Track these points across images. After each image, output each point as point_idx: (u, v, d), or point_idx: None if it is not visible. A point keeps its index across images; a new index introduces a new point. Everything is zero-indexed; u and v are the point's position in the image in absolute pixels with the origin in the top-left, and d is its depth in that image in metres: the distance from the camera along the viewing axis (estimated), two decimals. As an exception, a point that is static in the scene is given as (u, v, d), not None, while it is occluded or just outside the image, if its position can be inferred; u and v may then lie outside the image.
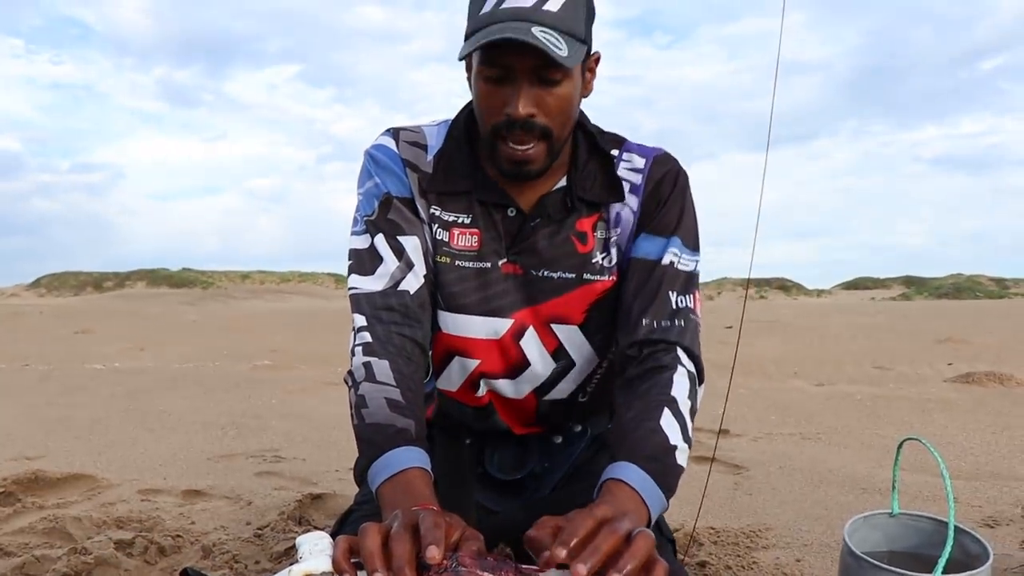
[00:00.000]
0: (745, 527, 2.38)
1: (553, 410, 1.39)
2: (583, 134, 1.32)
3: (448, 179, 1.30)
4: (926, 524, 1.34)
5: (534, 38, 1.08)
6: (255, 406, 5.03)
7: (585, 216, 1.30)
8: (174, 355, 8.87)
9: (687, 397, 1.17)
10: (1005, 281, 57.60)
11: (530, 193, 1.30)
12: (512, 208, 1.29)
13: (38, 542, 2.21)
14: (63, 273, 60.15)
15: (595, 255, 1.30)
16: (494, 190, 1.29)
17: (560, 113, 1.18)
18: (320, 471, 3.21)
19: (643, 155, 1.32)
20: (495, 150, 1.21)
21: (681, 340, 1.23)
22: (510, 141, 1.18)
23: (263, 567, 2.03)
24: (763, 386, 5.74)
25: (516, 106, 1.14)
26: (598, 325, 1.34)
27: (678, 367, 1.20)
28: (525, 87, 1.14)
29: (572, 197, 1.29)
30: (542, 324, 1.32)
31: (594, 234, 1.31)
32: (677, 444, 1.11)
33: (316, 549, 0.91)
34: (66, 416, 4.57)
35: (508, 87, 1.15)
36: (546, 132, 1.18)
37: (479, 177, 1.30)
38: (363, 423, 1.13)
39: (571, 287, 1.30)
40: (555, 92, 1.16)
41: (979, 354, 8.02)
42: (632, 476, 1.04)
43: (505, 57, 1.13)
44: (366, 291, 1.26)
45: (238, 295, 43.04)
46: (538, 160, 1.20)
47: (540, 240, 1.28)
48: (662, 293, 1.25)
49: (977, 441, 3.72)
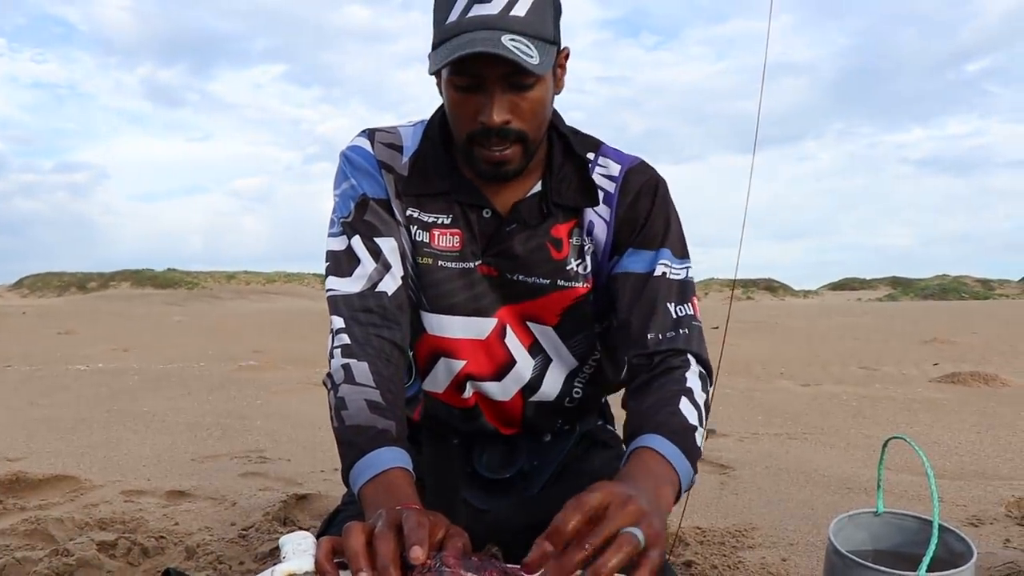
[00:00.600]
0: (731, 527, 2.38)
1: (539, 413, 1.39)
2: (557, 136, 1.31)
3: (424, 181, 1.29)
4: (911, 523, 1.34)
5: (505, 49, 1.07)
6: (240, 407, 5.01)
7: (561, 222, 1.29)
8: (158, 356, 8.82)
9: (701, 390, 1.19)
10: (990, 282, 58.01)
11: (506, 195, 1.29)
12: (488, 209, 1.28)
13: (19, 544, 2.18)
14: (46, 274, 59.78)
15: (570, 262, 1.30)
16: (471, 191, 1.28)
17: (534, 116, 1.17)
18: (305, 472, 3.19)
19: (619, 161, 1.32)
20: (471, 155, 1.20)
21: (689, 346, 1.24)
22: (487, 146, 1.17)
23: (247, 568, 2.02)
24: (749, 386, 5.76)
25: (490, 115, 1.13)
26: (572, 329, 1.34)
27: (690, 367, 1.21)
28: (498, 95, 1.13)
29: (548, 203, 1.28)
30: (518, 322, 1.32)
31: (569, 240, 1.30)
32: (696, 425, 1.12)
33: (299, 549, 0.90)
34: (49, 417, 4.54)
35: (480, 95, 1.14)
36: (521, 136, 1.17)
37: (456, 178, 1.29)
38: (343, 425, 1.12)
39: (545, 292, 1.30)
40: (528, 96, 1.15)
41: (964, 354, 8.07)
42: (661, 445, 1.05)
43: (476, 67, 1.11)
44: (344, 293, 1.25)
45: (223, 296, 42.89)
46: (515, 160, 1.19)
47: (515, 245, 1.28)
48: (660, 306, 1.25)
49: (962, 440, 3.74)
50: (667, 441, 1.05)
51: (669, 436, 1.06)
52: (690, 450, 1.08)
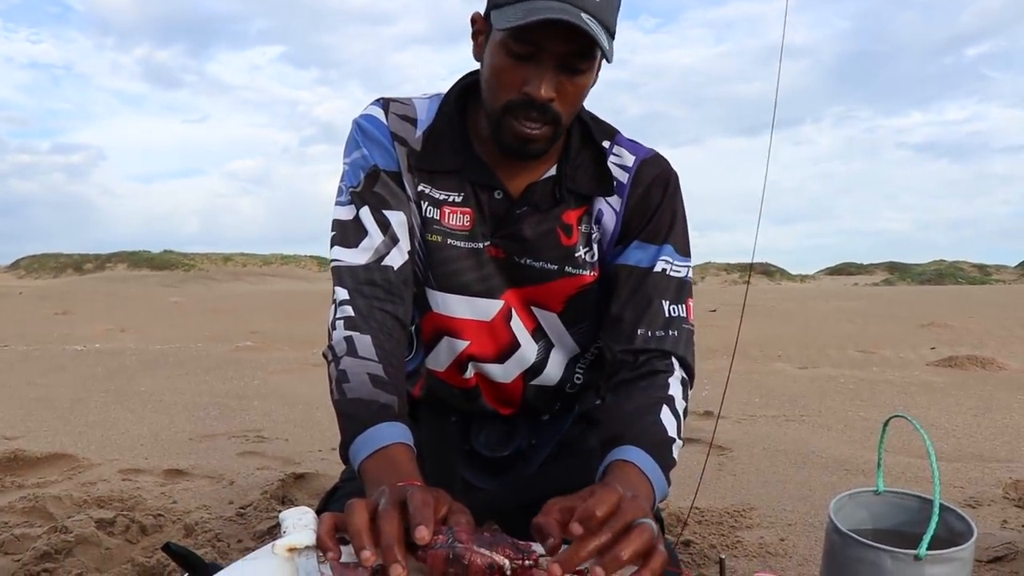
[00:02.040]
0: (729, 507, 2.39)
1: (539, 396, 1.38)
2: (578, 122, 1.29)
3: (438, 157, 1.27)
4: (911, 502, 1.34)
5: (585, 24, 1.04)
6: (237, 387, 5.01)
7: (572, 208, 1.28)
8: (155, 337, 8.82)
9: (681, 398, 1.18)
10: (987, 267, 58.12)
11: (519, 177, 1.27)
12: (499, 191, 1.27)
13: (18, 521, 2.18)
14: (43, 255, 59.77)
15: (578, 249, 1.28)
16: (483, 171, 1.26)
17: (575, 103, 1.16)
18: (303, 451, 3.19)
19: (634, 152, 1.30)
20: (500, 126, 1.17)
21: (675, 350, 1.22)
22: (519, 119, 1.15)
23: (246, 546, 2.02)
24: (747, 369, 5.76)
25: (539, 88, 1.10)
26: (576, 316, 1.32)
27: (673, 372, 1.20)
28: (551, 71, 1.10)
29: (561, 188, 1.27)
30: (523, 306, 1.31)
31: (579, 227, 1.28)
32: (675, 438, 1.12)
33: (300, 524, 0.89)
34: (46, 396, 4.53)
35: (532, 66, 1.11)
36: (557, 118, 1.15)
37: (469, 156, 1.27)
38: (345, 398, 1.11)
39: (552, 277, 1.28)
40: (576, 81, 1.13)
41: (961, 338, 8.09)
42: (641, 460, 1.04)
43: (542, 37, 1.08)
44: (349, 264, 1.23)
45: (220, 277, 42.88)
46: (543, 141, 1.17)
47: (525, 228, 1.26)
48: (655, 303, 1.24)
49: (959, 423, 3.75)
50: (646, 455, 1.05)
51: (648, 449, 1.06)
52: (666, 464, 1.08)
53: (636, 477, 1.02)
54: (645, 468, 1.04)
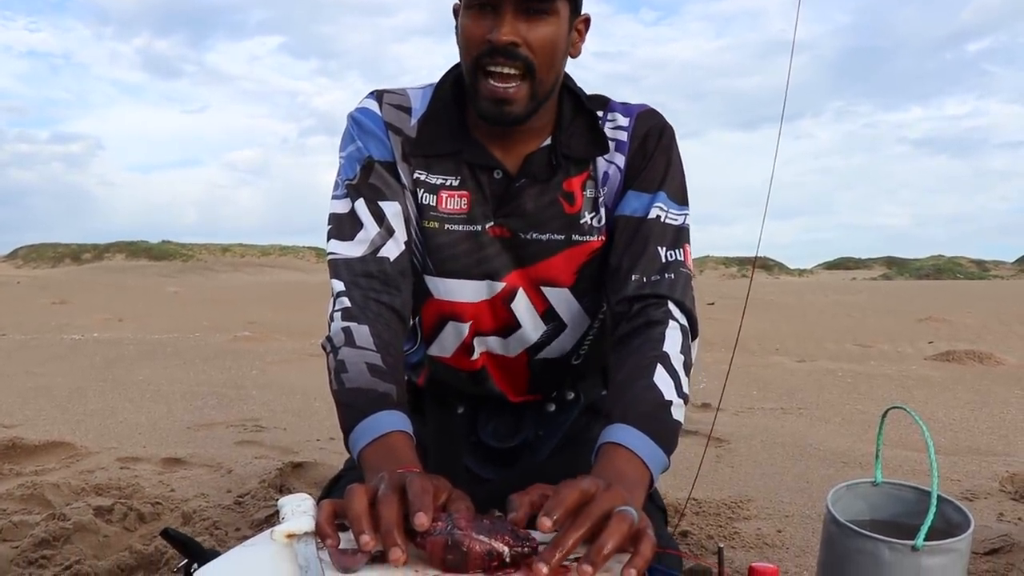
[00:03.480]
0: (727, 498, 2.39)
1: (545, 371, 1.38)
2: (568, 93, 1.30)
3: (434, 141, 1.27)
4: (909, 493, 1.34)
5: None
6: (235, 377, 5.01)
7: (573, 175, 1.28)
8: (153, 326, 8.81)
9: (679, 351, 1.15)
10: (985, 263, 58.19)
11: (516, 152, 1.27)
12: (498, 170, 1.27)
13: (16, 508, 2.18)
14: (40, 244, 59.72)
15: (583, 215, 1.28)
16: (481, 152, 1.27)
17: (544, 50, 1.16)
18: (301, 440, 3.20)
19: (627, 113, 1.30)
20: (477, 91, 1.18)
21: (672, 293, 1.21)
22: (492, 77, 1.16)
23: (243, 534, 2.02)
24: (745, 362, 5.77)
25: (499, 32, 1.12)
26: (588, 286, 1.32)
27: (669, 321, 1.18)
28: (509, 16, 1.13)
29: (557, 155, 1.27)
30: (532, 286, 1.30)
31: (583, 193, 1.28)
32: (672, 400, 1.09)
33: (299, 510, 0.89)
34: (44, 385, 4.53)
35: (491, 17, 1.14)
36: (529, 66, 1.15)
37: (466, 138, 1.27)
38: (343, 388, 1.11)
39: (560, 248, 1.28)
40: (539, 26, 1.14)
41: (959, 333, 8.10)
42: (629, 438, 1.02)
43: None
44: (345, 256, 1.23)
45: (218, 268, 42.85)
46: (519, 100, 1.17)
47: (527, 201, 1.26)
48: (650, 248, 1.23)
49: (956, 417, 3.75)
50: (635, 432, 1.02)
51: (638, 423, 1.03)
52: (662, 433, 1.05)
53: (623, 460, 1.00)
54: (634, 447, 1.01)
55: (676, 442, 1.08)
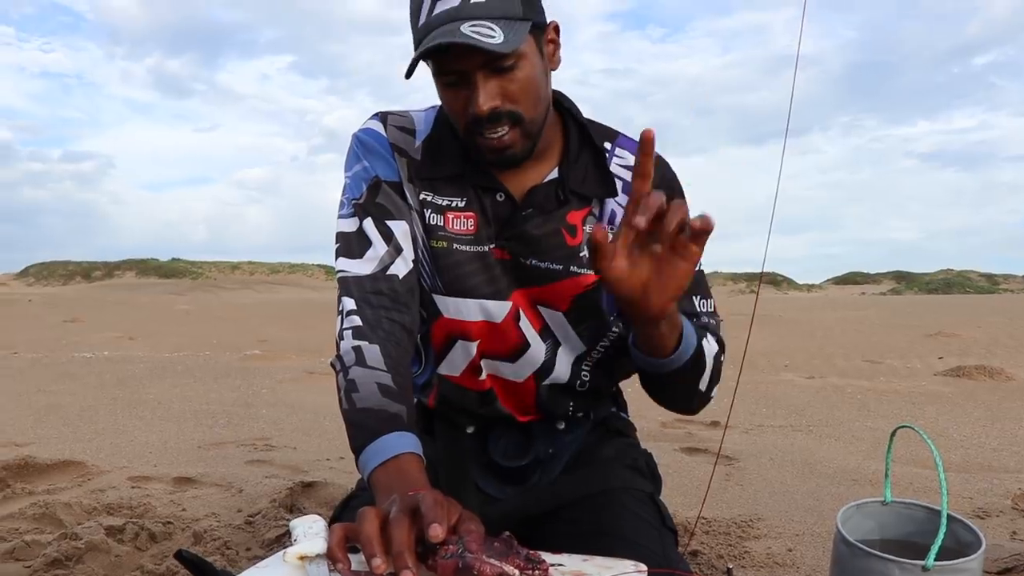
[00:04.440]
0: (737, 517, 2.39)
1: (552, 396, 1.39)
2: (574, 123, 1.31)
3: (438, 164, 1.29)
4: (919, 512, 1.34)
5: (462, 36, 1.06)
6: (245, 395, 5.02)
7: (576, 209, 1.29)
8: (164, 345, 8.84)
9: (715, 344, 1.22)
10: (995, 276, 58.00)
11: (521, 180, 1.28)
12: (501, 193, 1.28)
13: (28, 527, 2.19)
14: (51, 262, 60.01)
15: (583, 249, 1.29)
16: (485, 174, 1.28)
17: (525, 96, 1.16)
18: (310, 459, 3.20)
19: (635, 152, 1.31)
20: (475, 147, 1.20)
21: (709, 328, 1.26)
22: (485, 134, 1.17)
23: (254, 554, 2.02)
24: (754, 379, 5.76)
25: (476, 104, 1.13)
26: (582, 315, 1.33)
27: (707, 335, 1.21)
28: (480, 83, 1.12)
29: (564, 190, 1.28)
30: (529, 305, 1.32)
31: (583, 228, 1.29)
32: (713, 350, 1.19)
33: (311, 532, 0.90)
34: (55, 404, 4.55)
35: (463, 88, 1.14)
36: (515, 117, 1.16)
37: (469, 161, 1.29)
38: (354, 408, 1.12)
39: (558, 278, 1.29)
40: (514, 77, 1.14)
41: (969, 348, 8.07)
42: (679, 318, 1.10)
43: (450, 61, 1.12)
44: (355, 274, 1.24)
45: (228, 285, 42.97)
46: (516, 144, 1.18)
47: (530, 229, 1.27)
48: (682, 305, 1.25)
49: (967, 434, 3.74)
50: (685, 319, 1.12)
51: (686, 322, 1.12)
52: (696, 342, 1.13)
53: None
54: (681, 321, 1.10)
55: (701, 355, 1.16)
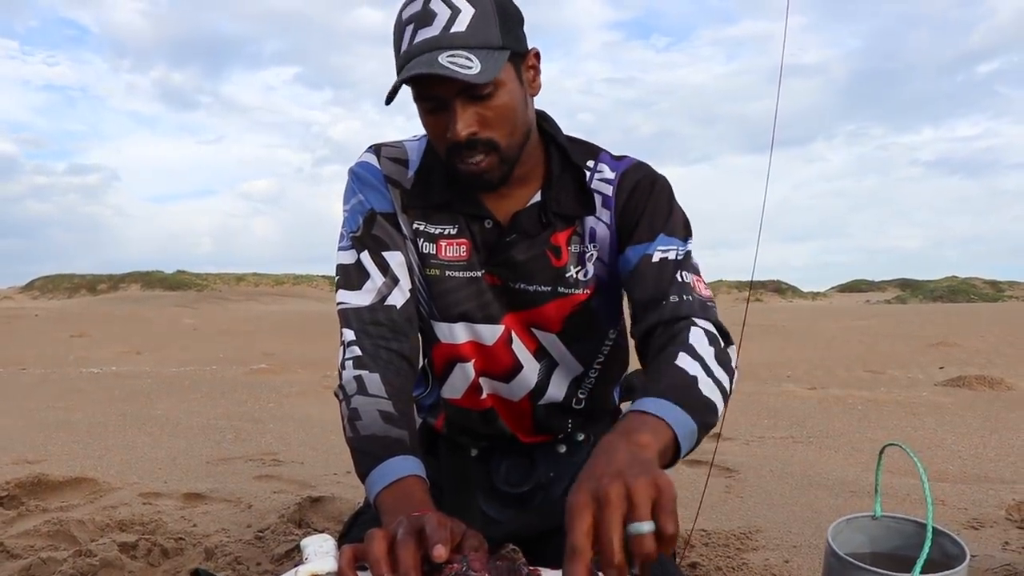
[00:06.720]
0: (736, 529, 2.43)
1: (548, 415, 1.43)
2: (555, 148, 1.34)
3: (429, 193, 1.33)
4: (907, 526, 1.38)
5: (439, 67, 1.10)
6: (253, 410, 5.07)
7: (560, 230, 1.33)
8: (171, 359, 8.89)
9: (707, 344, 1.13)
10: (1000, 284, 57.85)
11: (506, 205, 1.33)
12: (488, 220, 1.33)
13: (43, 544, 2.25)
14: (56, 275, 60.07)
15: (569, 269, 1.33)
16: (472, 202, 1.33)
17: (502, 123, 1.20)
18: (318, 474, 3.25)
19: (614, 168, 1.34)
20: (455, 170, 1.24)
21: (691, 313, 1.19)
22: (464, 159, 1.21)
23: (264, 569, 2.07)
24: (756, 390, 5.79)
25: (454, 130, 1.16)
26: (575, 334, 1.37)
27: (692, 327, 1.15)
28: (459, 110, 1.16)
29: (547, 212, 1.32)
30: (523, 328, 1.36)
31: (568, 248, 1.33)
32: (698, 376, 1.05)
33: (321, 551, 0.95)
34: (65, 420, 4.61)
35: (443, 114, 1.18)
36: (491, 144, 1.19)
37: (458, 189, 1.33)
38: (358, 435, 1.17)
39: (546, 299, 1.33)
40: (492, 105, 1.18)
41: (970, 358, 8.09)
42: (647, 404, 0.97)
43: (429, 88, 1.16)
44: (354, 306, 1.30)
45: (233, 297, 42.98)
46: (493, 170, 1.22)
47: (516, 254, 1.32)
48: (661, 285, 1.23)
49: (966, 444, 3.77)
50: (655, 399, 0.97)
51: (659, 394, 0.98)
52: (687, 400, 0.99)
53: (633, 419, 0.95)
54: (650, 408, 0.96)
55: (706, 413, 1.01)
